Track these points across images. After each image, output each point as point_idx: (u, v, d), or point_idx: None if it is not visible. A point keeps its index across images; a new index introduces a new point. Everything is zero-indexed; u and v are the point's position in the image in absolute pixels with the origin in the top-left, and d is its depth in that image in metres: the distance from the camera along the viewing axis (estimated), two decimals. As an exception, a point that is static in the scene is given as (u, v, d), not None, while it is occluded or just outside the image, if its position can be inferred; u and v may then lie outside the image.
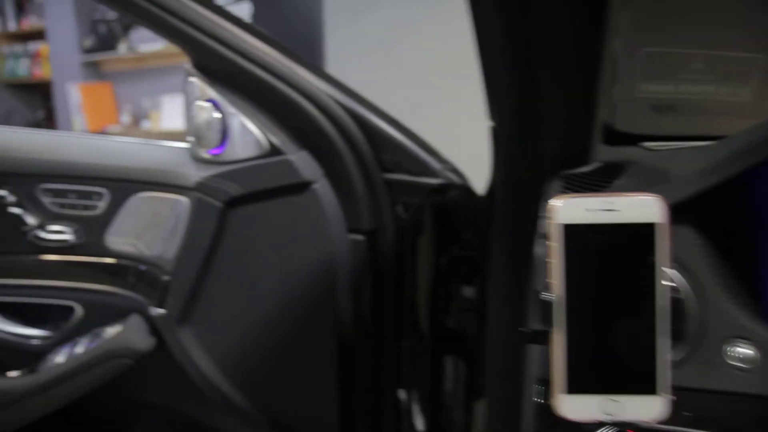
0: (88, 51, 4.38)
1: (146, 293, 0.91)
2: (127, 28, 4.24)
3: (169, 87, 4.20)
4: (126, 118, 4.45)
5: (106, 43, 4.29)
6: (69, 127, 4.28)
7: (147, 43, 4.06)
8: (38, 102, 5.11)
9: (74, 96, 4.33)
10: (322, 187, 0.78)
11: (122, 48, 4.23)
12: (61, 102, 4.51)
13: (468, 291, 0.86)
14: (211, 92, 0.80)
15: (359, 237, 0.79)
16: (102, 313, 0.93)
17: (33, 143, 0.90)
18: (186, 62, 0.84)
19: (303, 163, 0.77)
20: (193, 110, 0.81)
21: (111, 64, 4.41)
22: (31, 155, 0.88)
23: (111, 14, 4.24)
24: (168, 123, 4.20)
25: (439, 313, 0.87)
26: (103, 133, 4.15)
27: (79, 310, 0.94)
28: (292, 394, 0.87)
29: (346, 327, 0.82)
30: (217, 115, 0.79)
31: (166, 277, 0.88)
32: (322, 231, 0.77)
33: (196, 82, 0.81)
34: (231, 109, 0.79)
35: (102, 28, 4.27)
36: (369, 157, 0.78)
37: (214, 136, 0.80)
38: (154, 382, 1.02)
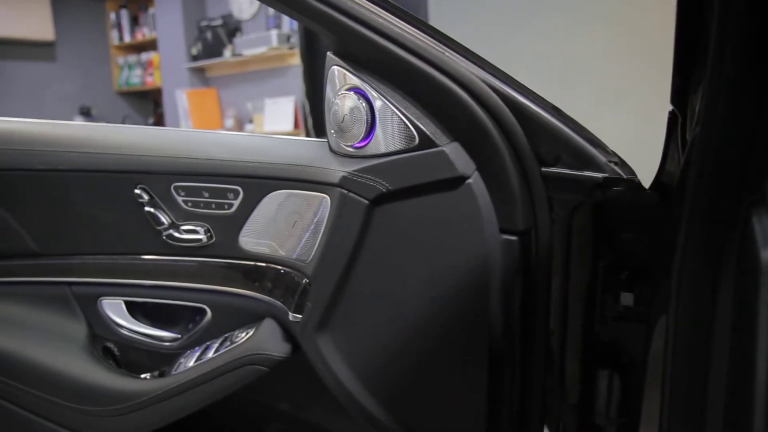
0: (195, 58, 4.52)
1: (282, 297, 0.87)
2: (232, 34, 4.34)
3: (271, 90, 4.27)
4: (230, 122, 4.54)
5: (212, 49, 4.41)
6: (177, 132, 4.21)
7: (250, 47, 4.12)
8: (149, 109, 5.35)
9: (182, 102, 4.49)
10: (476, 182, 0.71)
11: (227, 53, 4.32)
12: (170, 108, 4.68)
13: (628, 299, 0.78)
14: (355, 80, 0.74)
15: (512, 237, 0.72)
16: (234, 316, 0.91)
17: (166, 140, 0.89)
18: (327, 49, 0.79)
19: (456, 155, 0.70)
20: (335, 100, 0.76)
21: (216, 69, 4.55)
22: (165, 152, 0.87)
23: (217, 20, 4.33)
24: (270, 125, 4.22)
25: (594, 323, 0.80)
26: None
27: (210, 313, 0.93)
28: (436, 405, 0.81)
29: (497, 336, 0.76)
30: (362, 104, 0.74)
31: (304, 281, 0.83)
32: (476, 231, 0.70)
33: (338, 70, 0.76)
34: (377, 98, 0.73)
35: (208, 35, 4.38)
36: (526, 149, 0.71)
37: (359, 127, 0.74)
38: (287, 390, 1.01)
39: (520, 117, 0.69)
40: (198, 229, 0.87)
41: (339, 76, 0.75)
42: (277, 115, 4.19)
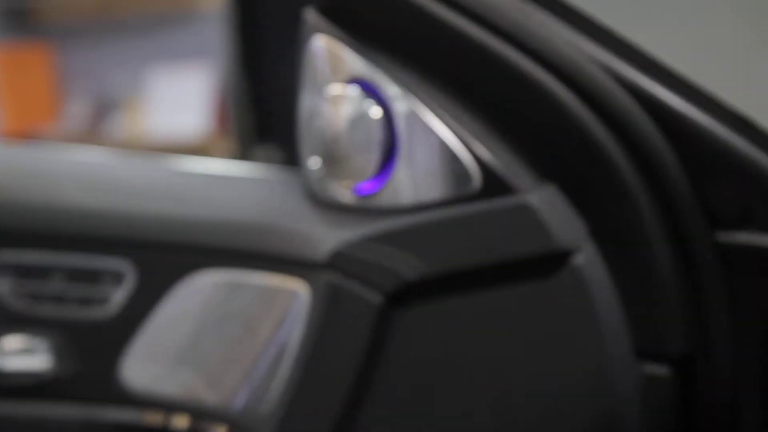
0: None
1: None
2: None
3: (163, 51, 3.09)
4: (79, 109, 3.26)
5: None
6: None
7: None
8: None
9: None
10: (589, 261, 0.48)
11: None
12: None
13: None
14: (360, 65, 0.50)
15: (661, 369, 0.50)
16: None
17: None
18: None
19: (552, 211, 0.47)
20: (321, 103, 0.51)
21: (56, 9, 3.34)
22: None
23: None
24: (162, 119, 2.98)
25: None
26: (31, 136, 3.13)
27: None
28: None
29: None
30: (372, 112, 0.49)
31: None
32: (590, 354, 0.50)
33: (328, 44, 0.51)
34: (402, 100, 0.49)
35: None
36: (686, 198, 0.47)
37: (366, 156, 0.49)
38: None
39: (677, 136, 0.48)
40: (37, 346, 0.58)
41: (329, 56, 0.52)
42: (176, 100, 2.94)
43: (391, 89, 0.48)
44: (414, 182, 0.49)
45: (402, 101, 0.48)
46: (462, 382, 0.52)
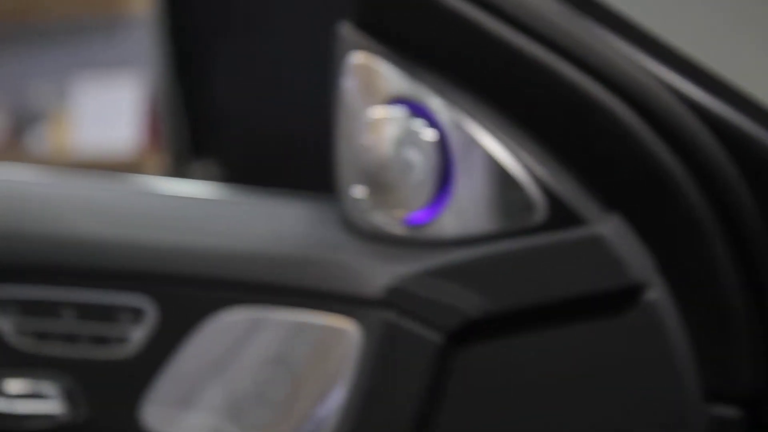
0: None
1: None
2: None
3: (86, 60, 2.93)
4: None
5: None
6: None
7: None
8: None
9: None
10: (661, 296, 0.48)
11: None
12: None
13: None
14: (405, 84, 0.48)
15: (730, 410, 0.50)
16: None
17: None
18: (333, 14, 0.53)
19: (623, 243, 0.46)
20: (362, 125, 0.49)
21: None
22: None
23: None
24: (89, 134, 2.81)
25: None
26: None
27: None
28: None
29: None
30: (425, 134, 0.47)
31: None
32: (661, 393, 0.50)
33: (368, 61, 0.49)
34: (456, 124, 0.48)
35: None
36: (758, 230, 0.47)
37: (419, 185, 0.48)
38: None
39: (749, 163, 0.47)
40: (44, 392, 0.55)
41: (368, 74, 0.50)
42: (104, 112, 2.81)
43: (442, 109, 0.46)
44: (472, 211, 0.47)
45: (454, 122, 0.46)
46: (526, 425, 0.50)
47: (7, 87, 3.04)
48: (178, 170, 2.62)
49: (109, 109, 2.74)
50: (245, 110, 2.71)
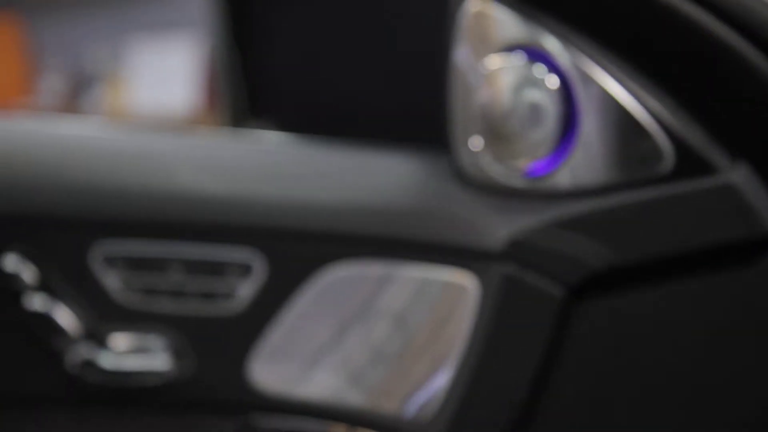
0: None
1: None
2: None
3: (143, 22, 2.90)
4: (52, 84, 3.08)
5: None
6: None
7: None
8: None
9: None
10: None
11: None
12: None
13: None
14: (524, 30, 0.47)
15: None
16: None
17: (62, 146, 0.58)
18: None
19: (755, 193, 0.45)
20: (479, 75, 0.48)
21: None
22: (68, 173, 0.56)
23: None
24: (146, 95, 2.80)
25: None
26: (3, 111, 2.86)
27: None
28: None
29: None
30: (548, 81, 0.46)
31: None
32: None
33: (481, 6, 0.48)
34: (581, 71, 0.47)
35: None
36: None
37: (540, 132, 0.47)
38: None
39: None
40: (152, 347, 0.55)
41: (485, 21, 0.49)
42: (160, 73, 2.78)
43: (564, 56, 0.45)
44: (596, 161, 0.45)
45: (577, 69, 0.45)
46: (649, 383, 0.49)
47: (64, 50, 3.09)
48: (235, 131, 2.66)
49: (165, 70, 2.76)
50: (302, 71, 2.71)
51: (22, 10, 3.10)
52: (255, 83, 2.68)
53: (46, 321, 0.54)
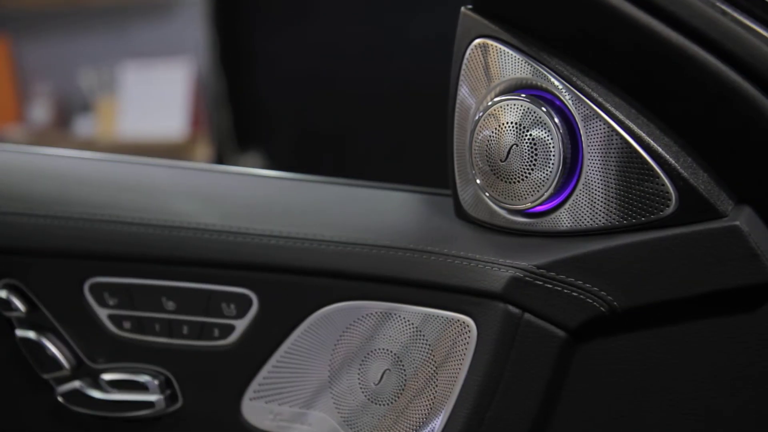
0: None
1: None
2: None
3: (134, 47, 2.91)
4: (40, 112, 3.05)
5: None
6: None
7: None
8: None
9: None
10: None
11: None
12: None
13: None
14: (529, 71, 0.48)
15: None
16: None
17: (64, 178, 0.59)
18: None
19: (759, 237, 0.46)
20: (483, 113, 0.49)
21: (6, 0, 3.12)
22: (66, 207, 0.56)
23: None
24: (137, 122, 2.77)
25: None
26: None
27: None
28: None
29: None
30: (551, 122, 0.47)
31: None
32: None
33: (492, 47, 0.49)
34: (585, 110, 0.47)
35: None
36: None
37: (543, 172, 0.47)
38: None
39: None
40: (144, 380, 0.56)
41: (490, 61, 0.50)
42: (152, 99, 2.77)
43: (568, 95, 0.45)
44: (599, 203, 0.45)
45: (581, 109, 0.44)
46: (651, 426, 0.50)
47: (55, 74, 3.05)
48: (222, 160, 2.62)
49: (156, 96, 2.72)
50: (291, 102, 2.68)
51: (9, 34, 3.05)
52: (243, 114, 2.65)
53: (37, 352, 0.54)
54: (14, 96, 3.07)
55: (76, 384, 0.54)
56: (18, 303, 0.53)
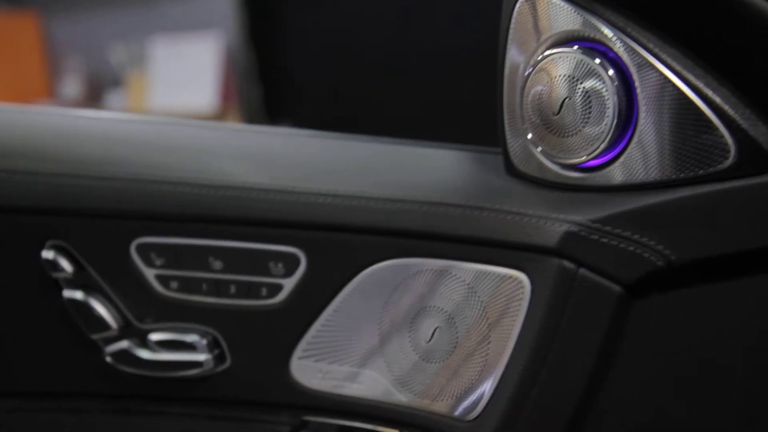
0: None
1: None
2: None
3: (167, 20, 2.87)
4: (71, 87, 3.03)
5: None
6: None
7: None
8: None
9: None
10: None
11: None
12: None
13: None
14: (580, 21, 0.46)
15: None
16: None
17: (108, 140, 0.58)
18: None
19: None
20: (533, 67, 0.48)
21: None
22: (110, 167, 0.55)
23: None
24: (166, 95, 2.75)
25: None
26: None
27: None
28: None
29: None
30: (606, 74, 0.45)
31: None
32: None
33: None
34: (640, 61, 0.45)
35: None
36: None
37: (597, 125, 0.46)
38: None
39: None
40: (192, 340, 0.55)
41: (540, 12, 0.49)
42: (182, 73, 2.72)
43: (621, 46, 0.43)
44: (655, 156, 0.44)
45: (635, 60, 0.43)
46: (707, 383, 0.50)
47: (85, 49, 3.04)
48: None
49: (185, 70, 2.73)
50: (320, 74, 2.67)
51: (40, 10, 3.05)
52: (273, 85, 2.64)
53: (85, 313, 0.54)
54: (45, 72, 3.08)
55: (124, 344, 0.55)
56: (65, 264, 0.53)
